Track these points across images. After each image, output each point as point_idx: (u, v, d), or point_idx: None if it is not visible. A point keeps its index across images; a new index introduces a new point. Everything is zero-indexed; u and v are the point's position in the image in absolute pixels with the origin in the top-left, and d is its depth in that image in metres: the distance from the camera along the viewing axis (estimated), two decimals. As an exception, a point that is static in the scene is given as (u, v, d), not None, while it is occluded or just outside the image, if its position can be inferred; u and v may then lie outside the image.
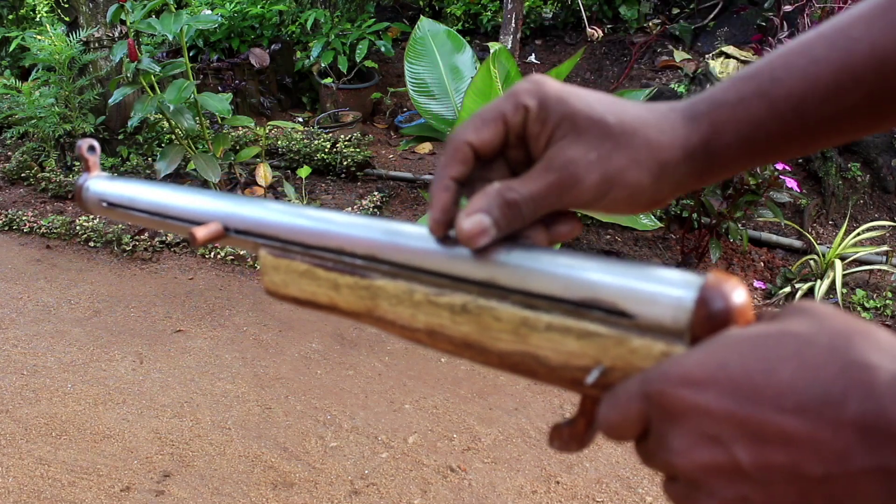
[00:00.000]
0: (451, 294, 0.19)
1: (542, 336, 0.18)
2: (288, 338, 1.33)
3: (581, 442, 0.20)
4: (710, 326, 0.16)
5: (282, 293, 0.23)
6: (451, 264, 0.19)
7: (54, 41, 1.89)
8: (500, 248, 0.19)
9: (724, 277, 0.16)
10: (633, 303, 0.17)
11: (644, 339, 0.17)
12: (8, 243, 1.72)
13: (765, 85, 0.19)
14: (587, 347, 0.18)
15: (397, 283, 0.20)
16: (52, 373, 1.22)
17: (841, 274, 1.33)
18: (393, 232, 0.21)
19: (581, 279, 0.18)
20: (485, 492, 0.95)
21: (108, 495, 0.95)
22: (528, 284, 0.18)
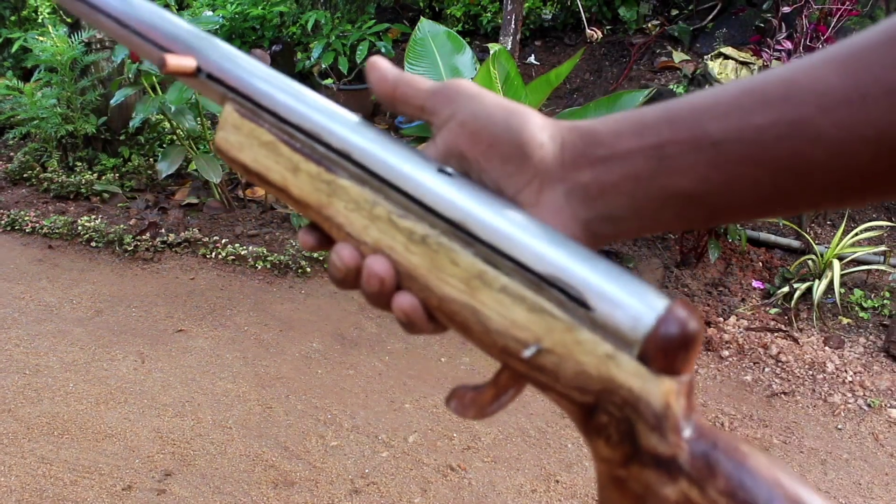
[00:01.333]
0: (416, 221, 0.18)
1: (493, 295, 0.17)
2: (289, 337, 1.34)
3: (480, 411, 0.19)
4: (665, 347, 0.16)
5: (232, 155, 0.21)
6: (428, 192, 0.18)
7: (56, 42, 1.90)
8: (489, 196, 0.18)
9: (685, 307, 0.16)
10: (597, 297, 0.16)
11: (595, 335, 0.16)
12: (10, 243, 1.73)
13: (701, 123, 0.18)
14: (534, 323, 0.17)
15: (363, 190, 0.19)
16: (54, 372, 1.23)
17: (839, 274, 1.33)
18: (379, 140, 0.19)
19: (555, 257, 0.17)
20: (485, 491, 0.96)
21: (109, 494, 0.95)
22: (499, 241, 0.17)
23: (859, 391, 1.18)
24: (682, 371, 0.16)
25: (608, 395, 0.16)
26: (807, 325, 1.33)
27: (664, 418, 0.16)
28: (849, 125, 0.17)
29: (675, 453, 0.16)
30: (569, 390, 0.17)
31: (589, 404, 0.17)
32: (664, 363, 0.16)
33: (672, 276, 1.48)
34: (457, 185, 0.18)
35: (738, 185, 0.18)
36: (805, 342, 1.28)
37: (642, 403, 0.16)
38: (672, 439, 0.16)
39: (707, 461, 0.16)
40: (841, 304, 1.35)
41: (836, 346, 1.27)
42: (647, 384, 0.16)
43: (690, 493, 0.16)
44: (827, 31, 1.40)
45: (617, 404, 0.16)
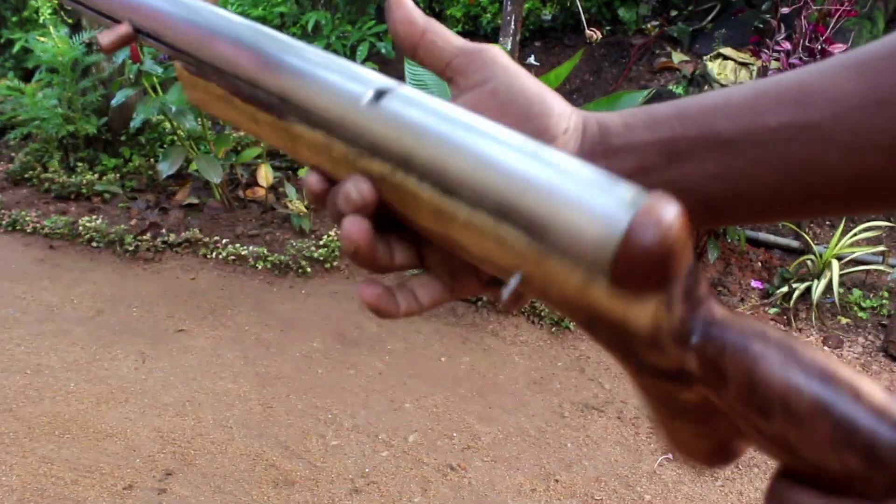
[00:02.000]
0: (370, 160, 0.17)
1: (461, 228, 0.16)
2: (289, 337, 1.34)
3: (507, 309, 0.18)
4: (635, 267, 0.14)
5: (206, 110, 0.20)
6: (366, 129, 0.17)
7: (57, 43, 1.90)
8: (425, 123, 0.16)
9: (657, 210, 0.14)
10: (557, 224, 0.15)
11: (564, 263, 0.15)
12: (11, 243, 1.73)
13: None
14: (505, 254, 0.16)
15: (315, 134, 0.18)
16: (56, 372, 1.23)
17: (838, 274, 1.33)
18: (314, 73, 0.17)
19: (503, 182, 0.15)
20: (484, 490, 0.96)
21: (110, 493, 0.95)
22: (444, 175, 0.16)
23: (858, 391, 1.18)
24: (668, 280, 0.14)
25: (596, 319, 0.15)
26: (806, 324, 1.33)
27: (658, 336, 0.15)
28: (862, 131, 0.16)
29: (680, 364, 0.15)
30: (563, 312, 0.16)
31: (585, 322, 0.16)
32: (640, 284, 0.14)
33: (671, 276, 1.48)
34: (394, 113, 0.17)
35: (747, 185, 0.17)
36: (804, 342, 1.29)
37: (630, 327, 0.15)
38: (672, 351, 0.15)
39: (716, 367, 0.14)
40: (840, 304, 1.36)
41: (834, 346, 1.28)
42: (629, 307, 0.14)
43: (709, 395, 0.15)
44: (826, 32, 1.40)
45: (607, 327, 0.15)
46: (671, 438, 0.17)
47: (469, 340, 1.34)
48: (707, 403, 0.15)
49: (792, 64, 1.37)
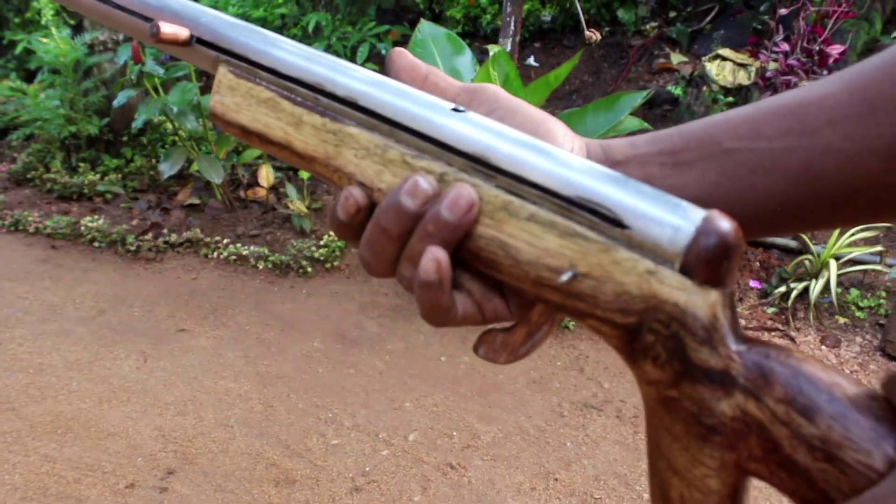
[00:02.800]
0: (432, 160, 0.18)
1: (521, 225, 0.17)
2: (290, 337, 1.34)
3: (513, 354, 0.19)
4: (707, 256, 0.15)
5: (228, 118, 0.21)
6: (443, 129, 0.18)
7: (60, 44, 1.91)
8: (508, 129, 0.18)
9: (723, 214, 0.16)
10: (632, 215, 0.16)
11: (633, 253, 0.16)
12: (14, 244, 1.74)
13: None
14: (567, 247, 0.17)
15: (372, 136, 0.19)
16: (58, 371, 1.23)
17: (835, 274, 1.33)
18: (385, 84, 0.19)
19: (584, 180, 0.17)
20: (484, 489, 0.96)
21: (112, 492, 0.96)
22: (522, 170, 0.17)
23: (856, 390, 1.19)
24: (726, 281, 0.15)
25: (652, 312, 0.16)
26: (804, 324, 1.34)
27: (713, 330, 0.15)
28: (858, 138, 0.17)
29: (728, 365, 0.15)
30: (610, 314, 0.16)
31: (632, 325, 0.16)
32: (708, 273, 0.15)
33: (670, 276, 1.48)
34: (472, 121, 0.18)
35: (750, 193, 0.18)
36: (802, 341, 1.29)
37: (689, 317, 0.15)
38: (723, 351, 0.15)
39: (761, 370, 0.15)
40: (837, 304, 1.36)
41: (832, 346, 1.28)
42: (693, 297, 0.15)
43: (747, 405, 0.15)
44: (824, 33, 1.41)
45: (662, 321, 0.16)
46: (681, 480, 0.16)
47: (469, 340, 1.34)
48: (742, 419, 0.15)
49: (790, 65, 1.38)
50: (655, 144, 0.19)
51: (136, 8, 0.22)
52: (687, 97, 1.78)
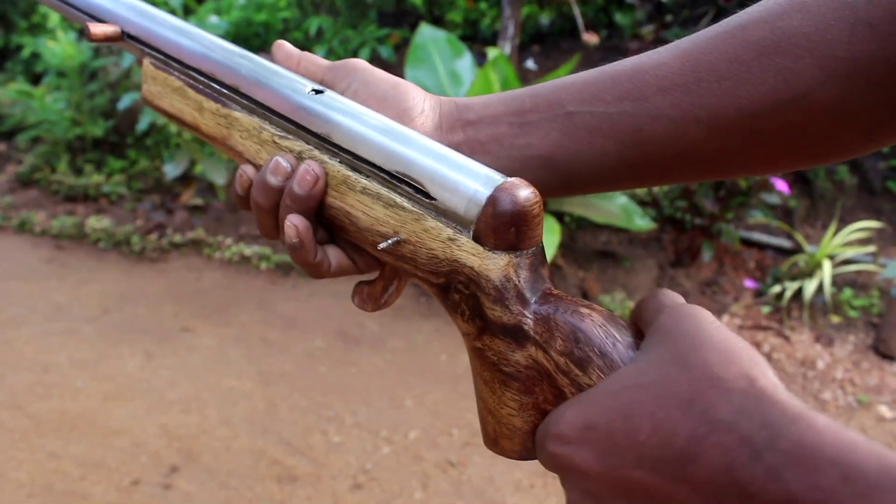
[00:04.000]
0: (293, 140, 0.21)
1: (357, 197, 0.20)
2: (292, 335, 1.36)
3: (376, 303, 0.22)
4: (494, 224, 0.17)
5: (156, 104, 0.25)
6: (297, 112, 0.21)
7: (66, 48, 1.94)
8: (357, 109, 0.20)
9: (519, 184, 0.17)
10: (436, 186, 0.18)
11: (438, 221, 0.18)
12: (20, 244, 1.75)
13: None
14: (390, 217, 0.19)
15: (252, 119, 0.22)
16: (64, 370, 1.25)
17: (829, 273, 1.34)
18: (264, 72, 0.22)
19: (402, 154, 0.19)
20: (483, 486, 0.97)
21: (117, 489, 0.97)
22: (356, 148, 0.20)
23: (849, 388, 1.19)
24: (523, 245, 0.17)
25: (455, 274, 0.18)
26: (798, 323, 1.34)
27: (504, 290, 0.17)
28: (684, 106, 0.18)
29: (519, 321, 0.17)
30: (426, 275, 0.19)
31: (443, 284, 0.18)
32: (497, 240, 0.17)
33: (667, 275, 1.50)
34: (325, 102, 0.21)
35: (588, 153, 0.20)
36: (796, 340, 1.30)
37: (482, 279, 0.18)
38: (515, 309, 0.17)
39: (548, 325, 0.17)
40: (831, 303, 1.36)
41: (826, 344, 1.29)
42: (486, 261, 0.17)
43: (538, 356, 0.17)
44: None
45: (463, 282, 0.18)
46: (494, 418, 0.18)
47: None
48: (535, 367, 0.17)
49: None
50: (507, 105, 0.21)
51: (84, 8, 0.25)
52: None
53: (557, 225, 1.39)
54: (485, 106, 0.22)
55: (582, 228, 1.67)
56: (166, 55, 0.24)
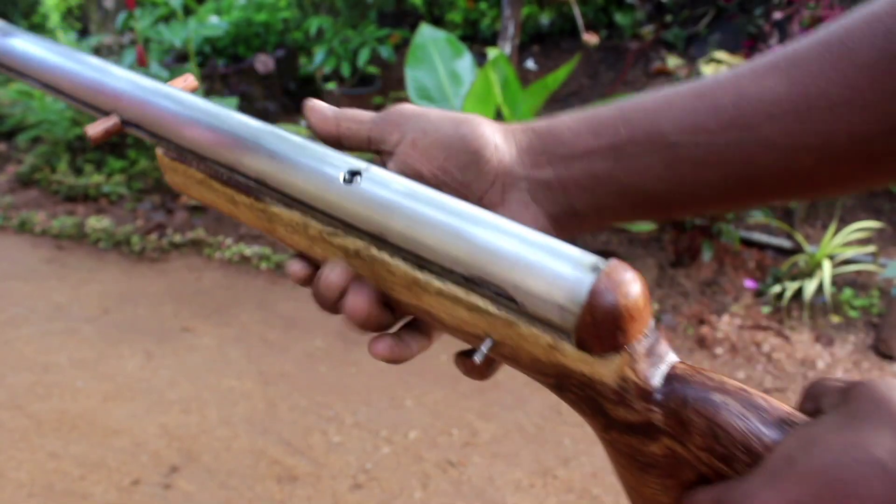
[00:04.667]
0: (345, 237, 0.18)
1: (433, 299, 0.17)
2: (292, 335, 1.36)
3: (482, 375, 0.20)
4: (597, 333, 0.15)
5: (184, 193, 0.22)
6: (337, 208, 0.18)
7: (66, 48, 1.94)
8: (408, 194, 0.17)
9: (617, 275, 0.15)
10: (522, 293, 0.16)
11: (532, 328, 0.16)
12: (20, 244, 1.75)
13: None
14: (477, 320, 0.17)
15: (292, 213, 0.19)
16: (64, 370, 1.25)
17: (829, 273, 1.34)
18: (290, 155, 0.19)
19: (473, 253, 0.16)
20: (483, 485, 0.97)
21: (117, 489, 0.97)
22: (416, 249, 0.17)
23: (850, 388, 1.20)
24: (629, 341, 0.16)
25: (565, 378, 0.16)
26: (798, 323, 1.34)
27: (624, 391, 0.16)
28: (795, 133, 0.17)
29: (647, 418, 0.16)
30: (532, 373, 0.17)
31: (553, 383, 0.17)
32: (603, 346, 0.15)
33: (667, 275, 1.50)
34: (367, 192, 0.18)
35: (692, 184, 0.19)
36: (796, 340, 1.30)
37: (597, 384, 0.16)
38: (639, 406, 0.16)
39: (680, 420, 0.15)
40: (831, 303, 1.36)
41: (826, 344, 1.29)
42: (596, 367, 0.16)
43: (673, 447, 0.16)
44: (817, 38, 1.43)
45: (576, 385, 0.16)
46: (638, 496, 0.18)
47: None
48: (673, 455, 0.16)
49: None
50: (599, 136, 0.19)
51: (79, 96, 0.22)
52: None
53: (557, 225, 1.39)
54: (574, 135, 0.19)
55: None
56: (177, 146, 0.21)
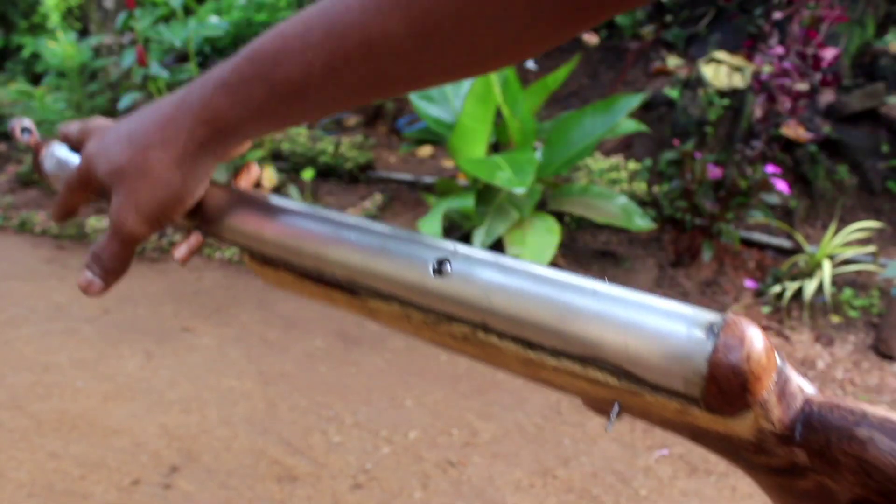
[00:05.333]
0: (450, 325, 0.18)
1: (552, 374, 0.17)
2: (292, 335, 1.36)
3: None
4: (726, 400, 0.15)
5: (281, 289, 0.22)
6: (434, 302, 0.18)
7: (66, 48, 1.94)
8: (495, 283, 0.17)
9: (735, 338, 0.14)
10: (641, 368, 0.15)
11: (657, 396, 0.16)
12: (20, 244, 1.76)
13: (266, 68, 0.19)
14: (599, 391, 0.17)
15: (391, 307, 0.19)
16: (64, 370, 1.25)
17: (829, 273, 1.34)
18: (375, 252, 0.19)
19: (579, 336, 0.16)
20: (483, 485, 0.97)
21: (117, 489, 0.97)
22: (523, 334, 0.17)
23: (849, 388, 1.19)
24: (759, 398, 0.15)
25: (701, 435, 0.16)
26: (798, 323, 1.34)
27: (762, 442, 0.15)
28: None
29: (792, 461, 0.15)
30: (666, 428, 0.17)
31: (691, 437, 0.16)
32: (734, 408, 0.15)
33: (666, 275, 1.50)
34: (458, 282, 0.18)
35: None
36: (796, 340, 1.30)
37: (734, 440, 0.16)
38: (780, 452, 0.15)
39: (827, 460, 0.15)
40: (831, 303, 1.36)
41: (826, 344, 1.29)
42: (730, 426, 0.15)
43: (824, 481, 0.15)
44: (817, 37, 1.43)
45: (714, 440, 0.16)
46: None
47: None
48: (826, 487, 0.15)
49: (784, 68, 1.40)
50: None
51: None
52: (683, 100, 1.80)
53: (557, 225, 1.39)
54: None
55: (582, 228, 1.67)
56: (261, 254, 0.21)
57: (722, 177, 1.44)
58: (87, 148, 0.23)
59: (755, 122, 1.44)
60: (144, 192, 0.22)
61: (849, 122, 1.70)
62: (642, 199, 1.65)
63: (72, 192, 0.25)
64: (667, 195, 1.53)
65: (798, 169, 1.68)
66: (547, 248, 1.33)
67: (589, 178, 1.70)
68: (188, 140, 0.21)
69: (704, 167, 1.42)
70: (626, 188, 1.66)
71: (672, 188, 1.49)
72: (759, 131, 1.42)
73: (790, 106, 1.39)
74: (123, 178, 0.22)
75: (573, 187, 1.54)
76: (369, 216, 1.83)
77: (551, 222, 1.41)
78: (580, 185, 1.55)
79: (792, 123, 1.47)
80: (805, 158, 1.64)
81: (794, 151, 1.66)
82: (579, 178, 1.70)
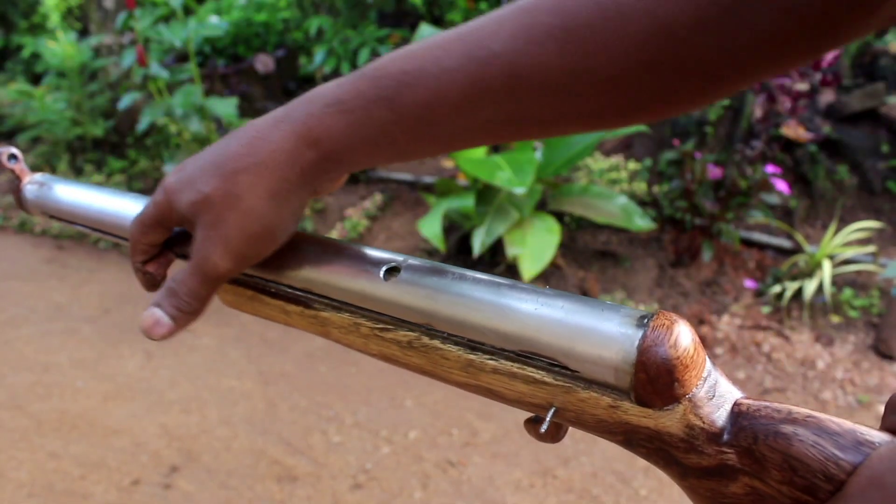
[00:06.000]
0: (396, 331, 0.19)
1: (490, 377, 0.18)
2: (292, 335, 1.36)
3: (554, 439, 0.20)
4: (654, 389, 0.15)
5: (238, 309, 0.23)
6: (383, 305, 0.19)
7: (66, 48, 1.94)
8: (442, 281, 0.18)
9: (663, 328, 0.15)
10: (573, 360, 0.16)
11: (591, 392, 0.16)
12: (21, 244, 1.76)
13: (391, 90, 0.17)
14: (536, 391, 0.17)
15: (342, 316, 0.20)
16: (64, 369, 1.25)
17: (829, 273, 1.34)
18: (330, 260, 0.20)
19: (519, 331, 0.17)
20: (483, 485, 0.97)
21: (117, 488, 0.97)
22: (465, 332, 0.18)
23: (849, 388, 1.19)
24: (688, 390, 0.16)
25: (632, 434, 0.17)
26: (798, 323, 1.34)
27: (692, 438, 0.16)
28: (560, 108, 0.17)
29: (721, 460, 0.16)
30: (600, 433, 0.17)
31: (624, 441, 0.17)
32: (663, 399, 0.16)
33: (666, 275, 1.50)
34: (407, 286, 0.19)
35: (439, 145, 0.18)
36: (796, 340, 1.30)
37: (664, 436, 0.16)
38: (710, 450, 0.16)
39: (754, 458, 0.15)
40: (831, 303, 1.36)
41: (826, 344, 1.29)
42: (660, 420, 0.16)
43: (754, 484, 0.15)
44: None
45: (644, 440, 0.16)
46: None
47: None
48: (755, 492, 0.16)
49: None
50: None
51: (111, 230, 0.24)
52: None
53: (557, 225, 1.39)
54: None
55: (582, 228, 1.67)
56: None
57: (722, 177, 1.44)
58: (165, 180, 0.20)
59: (755, 122, 1.44)
60: (233, 225, 0.19)
61: (849, 122, 1.71)
62: (642, 199, 1.65)
63: (145, 229, 0.21)
64: (667, 195, 1.53)
65: (798, 169, 1.68)
66: (547, 248, 1.33)
67: (589, 177, 1.70)
68: (288, 164, 0.18)
69: (704, 167, 1.42)
70: (626, 188, 1.67)
71: (672, 188, 1.48)
72: (759, 131, 1.42)
73: (790, 106, 1.39)
74: (209, 208, 0.19)
75: (573, 187, 1.54)
76: (369, 216, 1.83)
77: (551, 222, 1.41)
78: (580, 185, 1.56)
79: (792, 123, 1.47)
80: (805, 158, 1.64)
81: (794, 151, 1.66)
82: (579, 178, 1.71)
